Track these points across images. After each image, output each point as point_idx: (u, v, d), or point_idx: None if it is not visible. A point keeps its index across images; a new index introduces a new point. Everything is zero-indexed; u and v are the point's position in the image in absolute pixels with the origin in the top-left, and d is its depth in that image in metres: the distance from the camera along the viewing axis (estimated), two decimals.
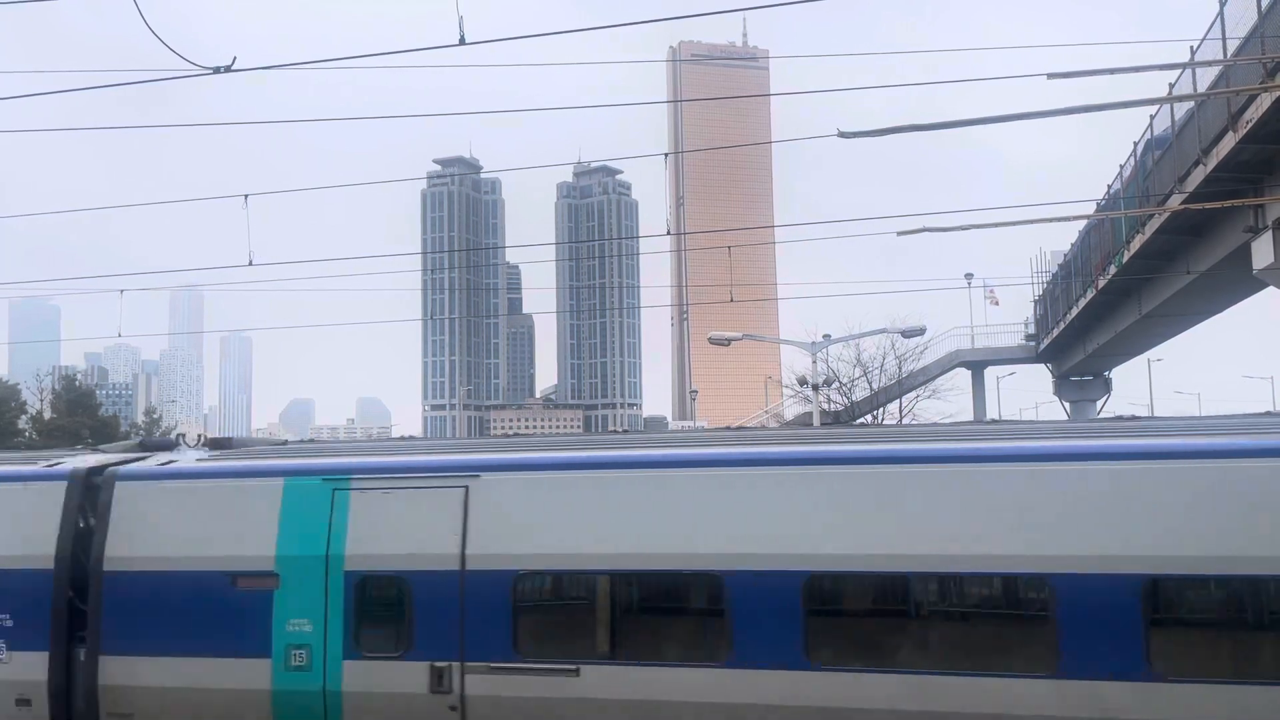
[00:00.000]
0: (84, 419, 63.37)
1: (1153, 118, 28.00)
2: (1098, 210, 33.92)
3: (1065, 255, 44.94)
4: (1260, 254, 24.11)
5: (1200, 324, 40.78)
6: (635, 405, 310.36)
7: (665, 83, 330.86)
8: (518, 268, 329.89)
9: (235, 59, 11.01)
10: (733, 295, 41.69)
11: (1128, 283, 34.93)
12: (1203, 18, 22.50)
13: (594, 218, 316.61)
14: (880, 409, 49.41)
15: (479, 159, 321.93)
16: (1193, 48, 22.74)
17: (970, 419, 47.43)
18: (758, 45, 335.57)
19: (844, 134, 11.97)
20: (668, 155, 26.81)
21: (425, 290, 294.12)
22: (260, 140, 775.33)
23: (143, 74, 13.77)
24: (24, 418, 63.41)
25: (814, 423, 35.00)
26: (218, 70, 11.07)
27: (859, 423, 43.44)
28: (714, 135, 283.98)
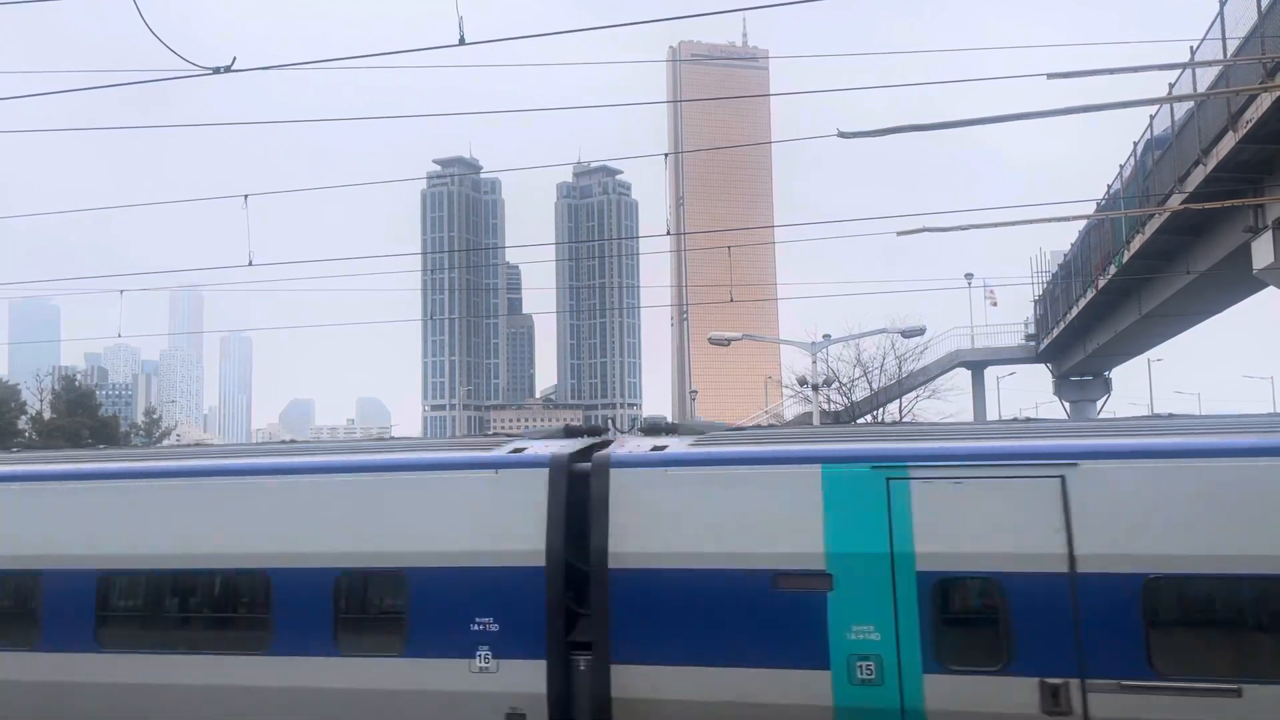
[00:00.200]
0: (84, 419, 63.26)
1: (1152, 118, 27.99)
2: (1098, 210, 33.91)
3: (1065, 255, 44.93)
4: (1260, 254, 24.12)
5: (1200, 324, 40.78)
6: (635, 405, 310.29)
7: (665, 83, 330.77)
8: (518, 268, 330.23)
9: (235, 59, 11.02)
10: (733, 295, 41.71)
11: (1128, 283, 34.93)
12: (1203, 18, 22.51)
13: (594, 218, 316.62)
14: (880, 409, 49.41)
15: (479, 159, 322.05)
16: (1192, 48, 22.74)
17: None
18: (757, 45, 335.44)
19: (844, 134, 11.98)
20: (668, 155, 26.82)
21: (425, 290, 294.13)
22: (261, 140, 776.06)
23: (143, 74, 13.77)
24: (24, 418, 63.32)
25: (814, 422, 34.94)
26: (217, 70, 11.08)
27: (860, 422, 43.42)
28: (714, 135, 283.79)
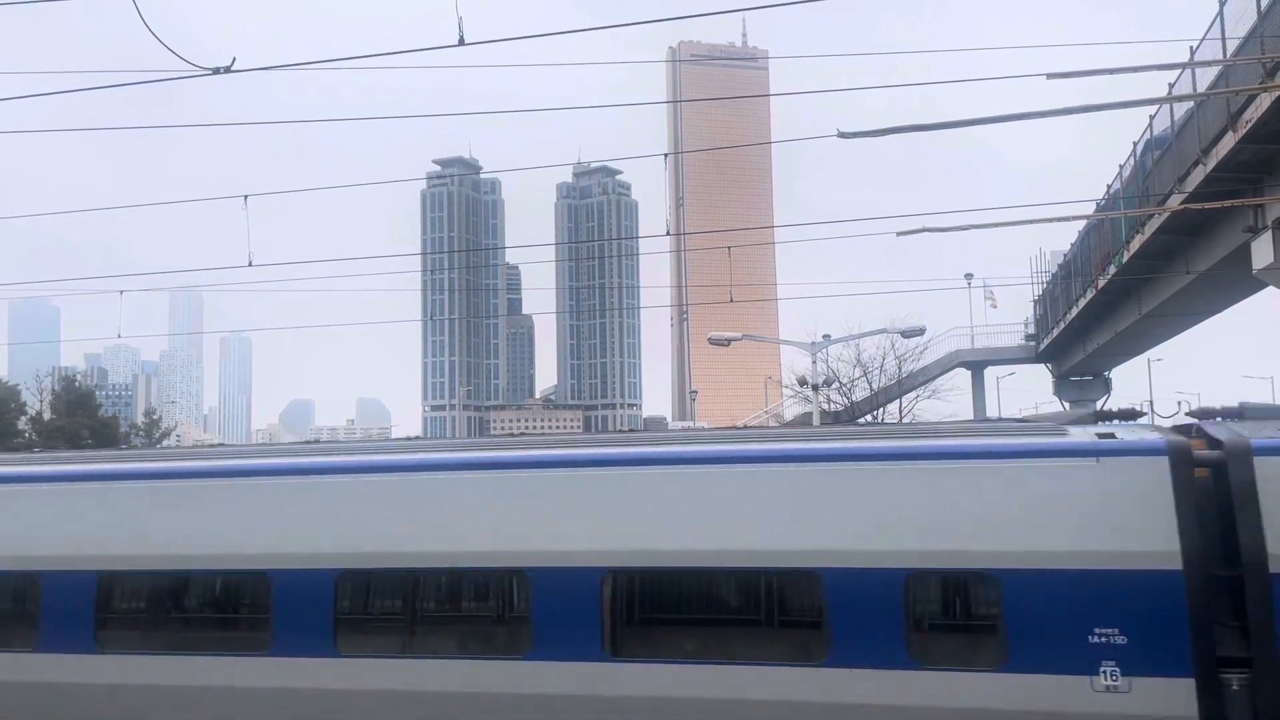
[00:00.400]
0: (83, 420, 63.32)
1: (1152, 118, 28.00)
2: (1097, 210, 33.91)
3: (1065, 255, 44.92)
4: (1260, 254, 24.11)
5: (1200, 324, 40.77)
6: (635, 406, 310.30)
7: (665, 83, 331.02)
8: (517, 268, 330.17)
9: (235, 59, 11.03)
10: (732, 295, 41.71)
11: (1127, 283, 34.92)
12: (1203, 18, 22.51)
13: (594, 218, 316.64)
14: (880, 409, 49.42)
15: (479, 159, 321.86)
16: (1192, 48, 22.74)
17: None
18: (757, 45, 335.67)
19: (844, 134, 11.98)
20: (667, 155, 26.85)
21: (425, 290, 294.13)
22: (261, 140, 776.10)
23: (144, 75, 13.78)
24: (23, 418, 63.33)
25: (814, 422, 34.95)
26: (217, 71, 11.08)
27: (860, 422, 43.44)
28: (714, 135, 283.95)
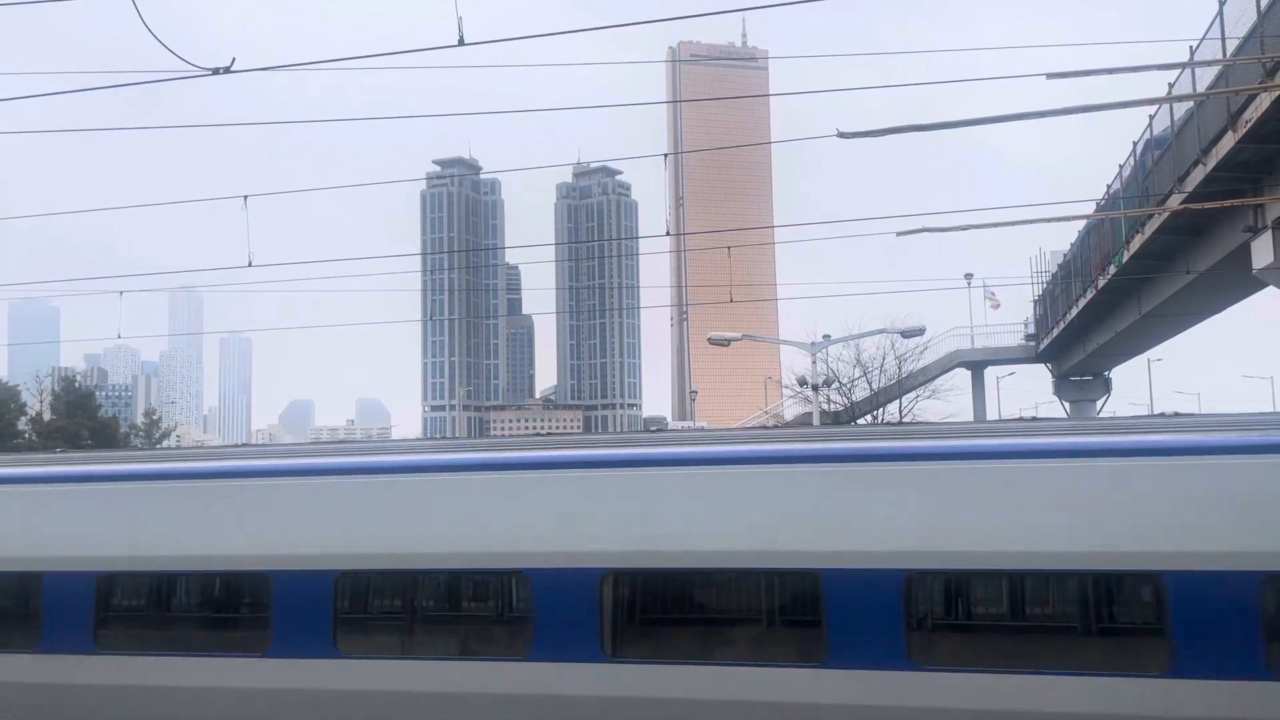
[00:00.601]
0: (83, 420, 63.28)
1: (1152, 118, 28.01)
2: (1097, 210, 33.93)
3: (1065, 255, 44.94)
4: (1260, 254, 24.11)
5: (1200, 324, 40.80)
6: (635, 406, 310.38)
7: (665, 83, 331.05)
8: (517, 268, 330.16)
9: (234, 59, 11.02)
10: (732, 295, 41.75)
11: (1127, 283, 34.93)
12: (1203, 18, 22.52)
13: (594, 218, 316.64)
14: (880, 409, 49.40)
15: (478, 159, 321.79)
16: (1192, 48, 22.75)
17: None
18: (757, 45, 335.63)
19: (843, 134, 11.99)
20: (667, 156, 26.85)
21: (425, 291, 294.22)
22: (261, 140, 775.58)
23: (144, 75, 13.78)
24: (23, 419, 63.34)
25: (814, 423, 34.89)
26: (216, 71, 11.08)
27: (860, 422, 43.41)
28: (713, 136, 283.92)
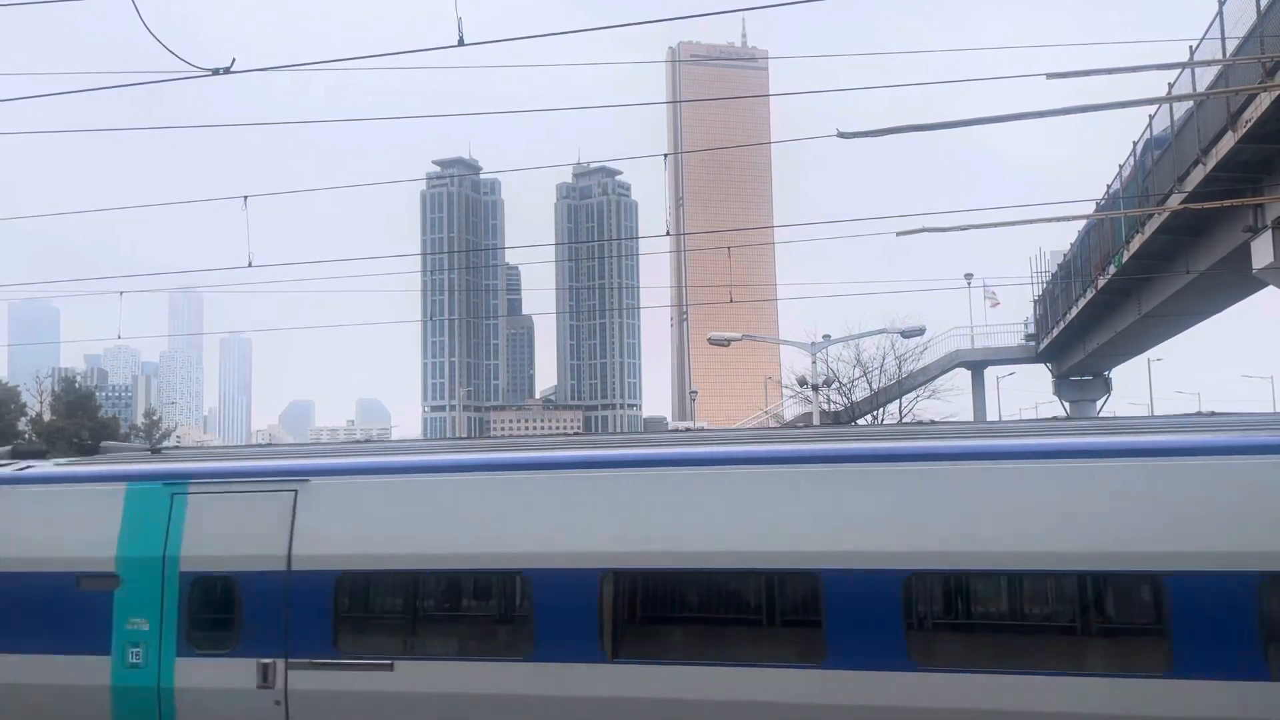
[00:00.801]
0: (83, 421, 63.26)
1: (1152, 118, 28.00)
2: (1097, 210, 33.92)
3: (1065, 255, 44.94)
4: (1260, 254, 24.11)
5: (1200, 324, 40.79)
6: (635, 406, 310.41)
7: (664, 83, 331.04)
8: (517, 268, 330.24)
9: (234, 60, 11.03)
10: (732, 296, 41.76)
11: (1127, 283, 34.92)
12: (1203, 18, 22.52)
13: (593, 218, 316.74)
14: (880, 409, 49.40)
15: (478, 159, 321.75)
16: (1192, 47, 22.74)
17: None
18: (756, 46, 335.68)
19: (843, 134, 11.98)
20: (667, 156, 26.85)
21: (425, 291, 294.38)
22: (262, 141, 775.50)
23: (144, 75, 13.78)
24: (23, 419, 63.34)
25: (814, 423, 34.90)
26: (216, 72, 11.08)
27: (860, 422, 43.43)
28: (713, 136, 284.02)
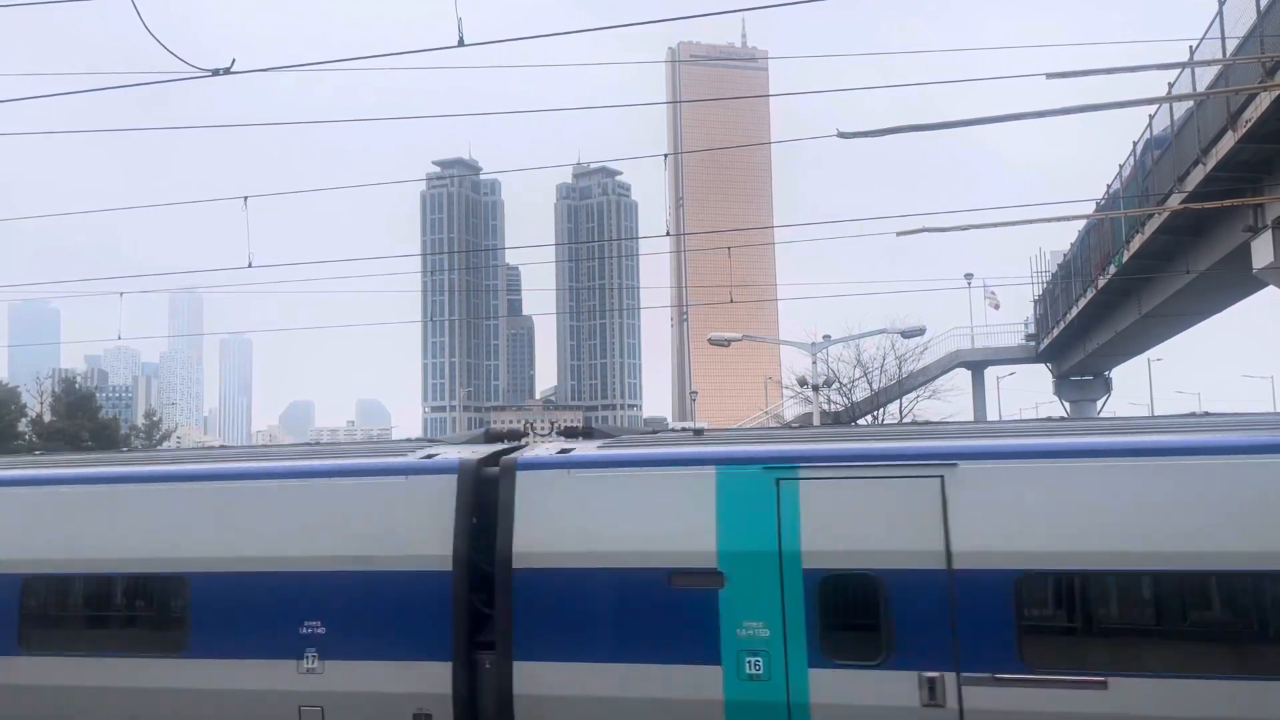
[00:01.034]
0: (84, 421, 63.26)
1: (1152, 117, 28.01)
2: (1097, 210, 33.92)
3: (1065, 255, 44.94)
4: (1260, 253, 24.11)
5: (1200, 324, 40.79)
6: (635, 406, 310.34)
7: (664, 83, 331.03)
8: (517, 269, 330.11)
9: (235, 60, 11.03)
10: (732, 296, 41.77)
11: (1127, 283, 34.93)
12: (1203, 17, 22.52)
13: (593, 219, 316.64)
14: (880, 409, 49.41)
15: (479, 160, 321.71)
16: (1192, 47, 22.74)
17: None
18: (757, 46, 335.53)
19: (843, 134, 11.98)
20: (667, 156, 26.84)
21: (425, 292, 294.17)
22: (262, 141, 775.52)
23: (144, 76, 13.79)
24: (24, 420, 63.32)
25: (815, 423, 34.88)
26: (217, 72, 11.08)
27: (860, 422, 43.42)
28: (713, 136, 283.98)
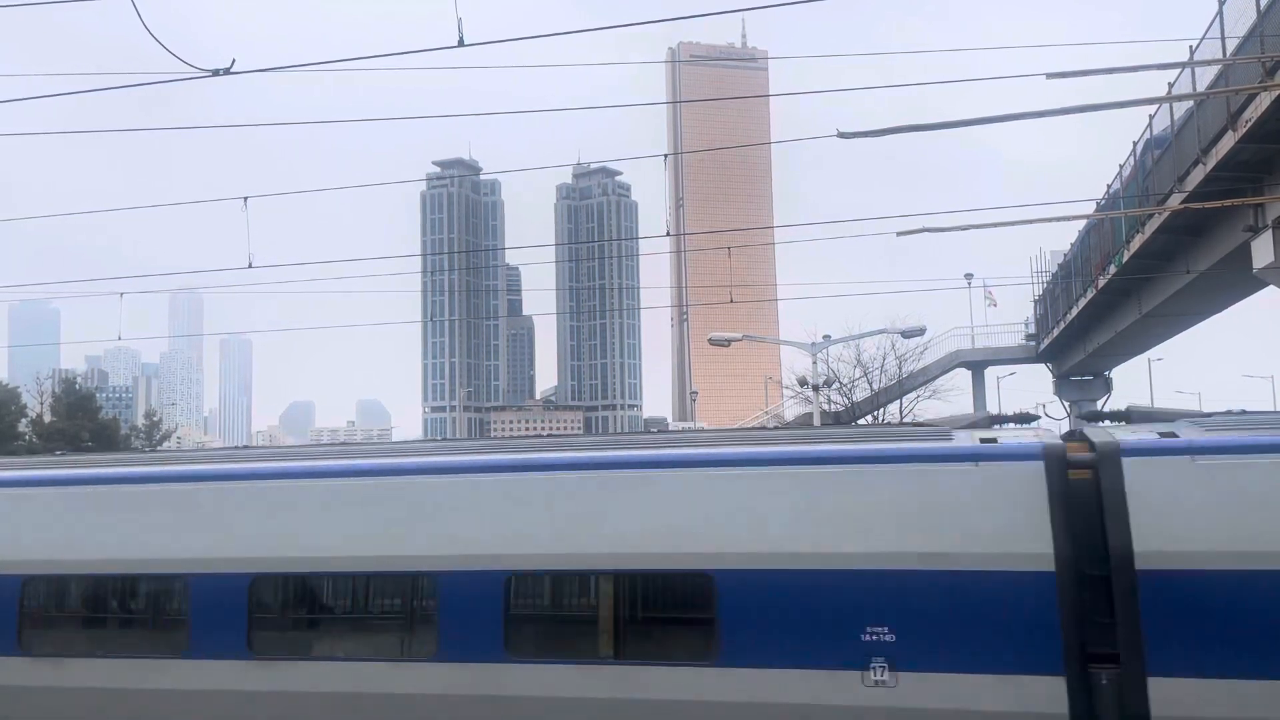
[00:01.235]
0: (84, 422, 63.23)
1: (1152, 117, 28.01)
2: (1098, 210, 33.92)
3: (1065, 255, 44.93)
4: (1260, 253, 24.11)
5: (1200, 324, 40.78)
6: (635, 406, 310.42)
7: (664, 84, 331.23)
8: (517, 269, 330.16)
9: (235, 61, 11.03)
10: (732, 296, 41.80)
11: (1127, 283, 34.92)
12: (1203, 17, 22.51)
13: (594, 219, 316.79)
14: (881, 409, 49.43)
15: (479, 160, 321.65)
16: (1192, 47, 22.74)
17: None
18: (756, 46, 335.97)
19: (843, 134, 11.99)
20: (667, 156, 26.86)
21: (425, 292, 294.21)
22: (262, 141, 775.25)
23: (144, 76, 13.78)
24: (24, 421, 63.31)
25: (815, 423, 34.88)
26: (217, 73, 11.08)
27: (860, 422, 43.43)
28: (713, 136, 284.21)
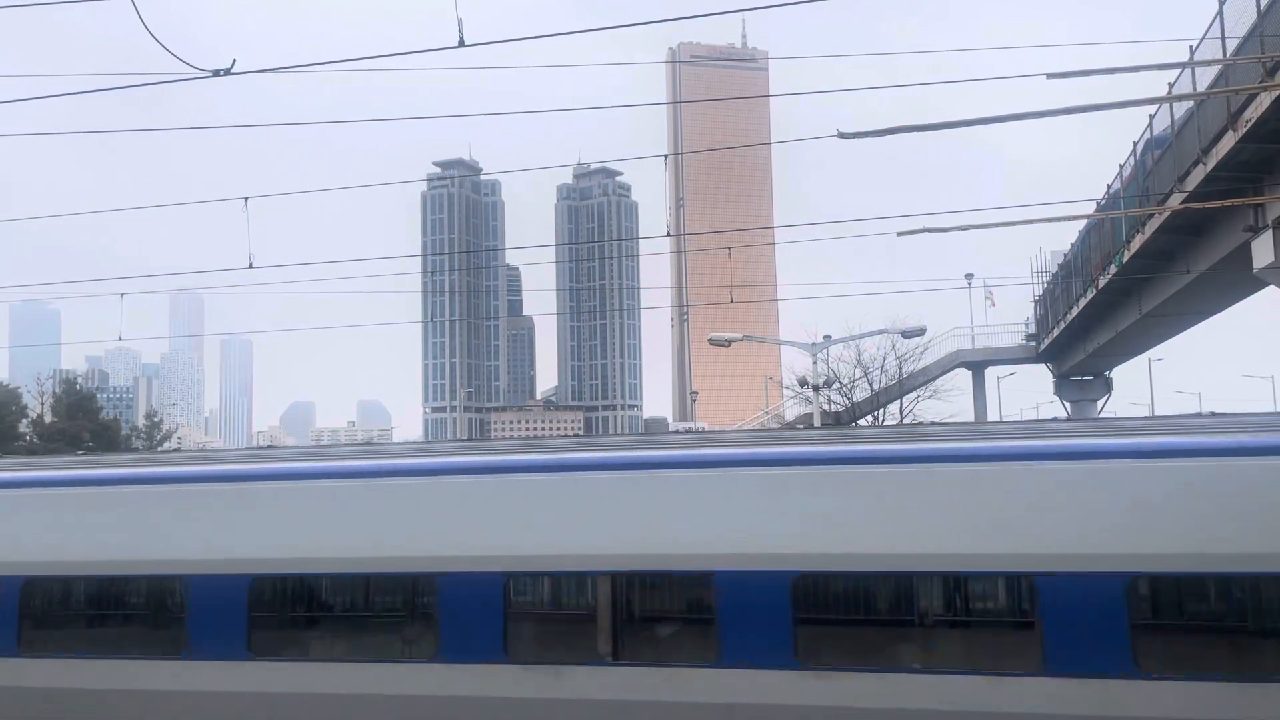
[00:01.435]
0: (84, 422, 63.25)
1: (1152, 117, 28.02)
2: (1098, 210, 33.93)
3: (1065, 255, 44.96)
4: (1260, 253, 24.12)
5: (1200, 324, 40.80)
6: (636, 406, 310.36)
7: (665, 84, 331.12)
8: (518, 269, 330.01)
9: (235, 61, 11.03)
10: (733, 296, 41.76)
11: (1127, 283, 34.93)
12: (1203, 18, 22.52)
13: (594, 219, 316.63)
14: (881, 409, 49.42)
15: (479, 161, 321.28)
16: (1192, 47, 22.75)
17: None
18: (757, 46, 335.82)
19: (844, 134, 11.99)
20: (667, 157, 26.86)
21: (425, 292, 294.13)
22: (262, 142, 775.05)
23: (144, 76, 13.79)
24: (24, 421, 63.34)
25: (815, 423, 34.87)
26: (217, 73, 11.08)
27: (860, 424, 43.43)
28: (714, 136, 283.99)
